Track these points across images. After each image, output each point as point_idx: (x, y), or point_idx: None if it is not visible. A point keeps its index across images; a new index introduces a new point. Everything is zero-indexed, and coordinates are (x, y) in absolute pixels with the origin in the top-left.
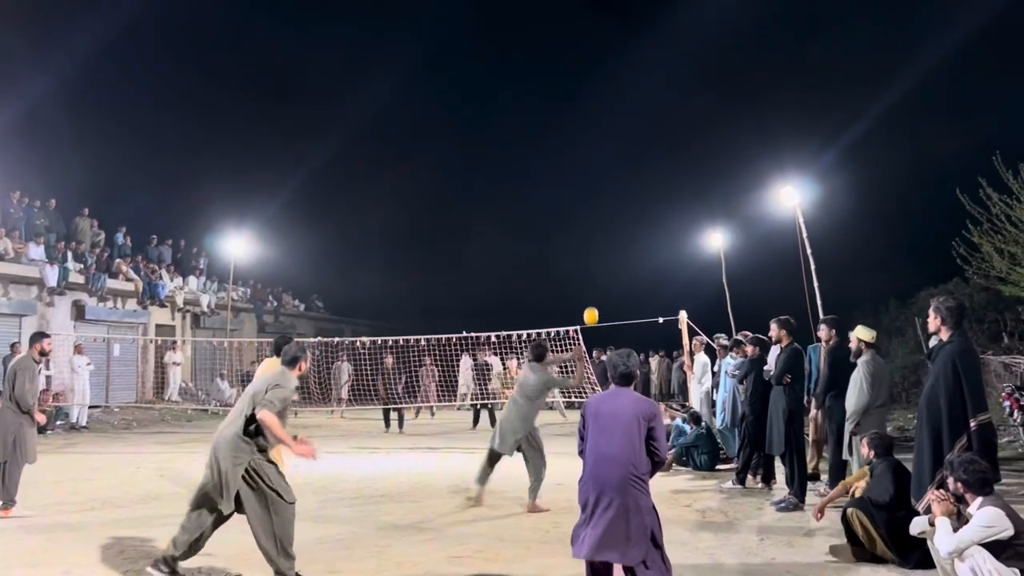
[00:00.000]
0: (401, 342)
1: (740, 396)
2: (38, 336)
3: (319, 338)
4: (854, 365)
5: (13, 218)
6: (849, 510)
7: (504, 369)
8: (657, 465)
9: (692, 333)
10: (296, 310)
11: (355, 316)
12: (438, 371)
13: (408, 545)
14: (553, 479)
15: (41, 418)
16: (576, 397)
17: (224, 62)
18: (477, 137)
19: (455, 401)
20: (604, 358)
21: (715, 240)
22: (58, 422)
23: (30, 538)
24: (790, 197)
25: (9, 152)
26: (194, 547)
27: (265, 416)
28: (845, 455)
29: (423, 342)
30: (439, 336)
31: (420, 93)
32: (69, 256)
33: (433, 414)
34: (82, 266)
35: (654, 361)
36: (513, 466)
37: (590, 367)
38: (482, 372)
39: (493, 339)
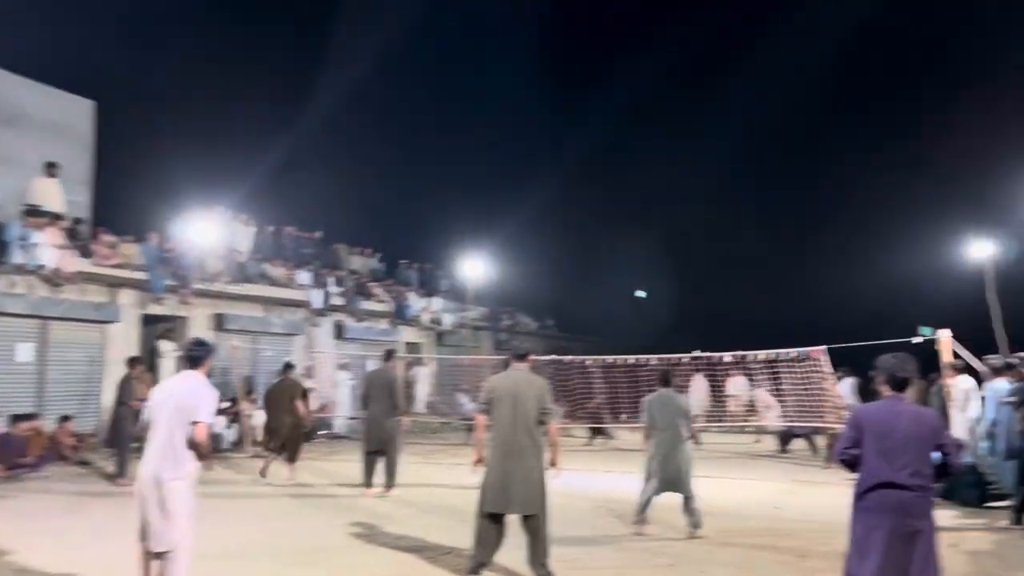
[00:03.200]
0: (632, 361)
1: (1017, 424)
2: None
3: (552, 356)
4: None
5: (286, 249)
6: None
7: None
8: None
9: (954, 354)
10: (529, 328)
11: (585, 333)
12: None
13: (647, 570)
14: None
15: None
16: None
17: (461, 96)
18: (715, 152)
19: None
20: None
21: (979, 250)
22: (321, 432)
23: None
24: None
25: (282, 191)
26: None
27: (554, 426)
28: None
29: (654, 361)
30: (670, 355)
31: (655, 117)
32: (331, 281)
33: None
34: (342, 290)
35: None
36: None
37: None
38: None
39: (728, 359)
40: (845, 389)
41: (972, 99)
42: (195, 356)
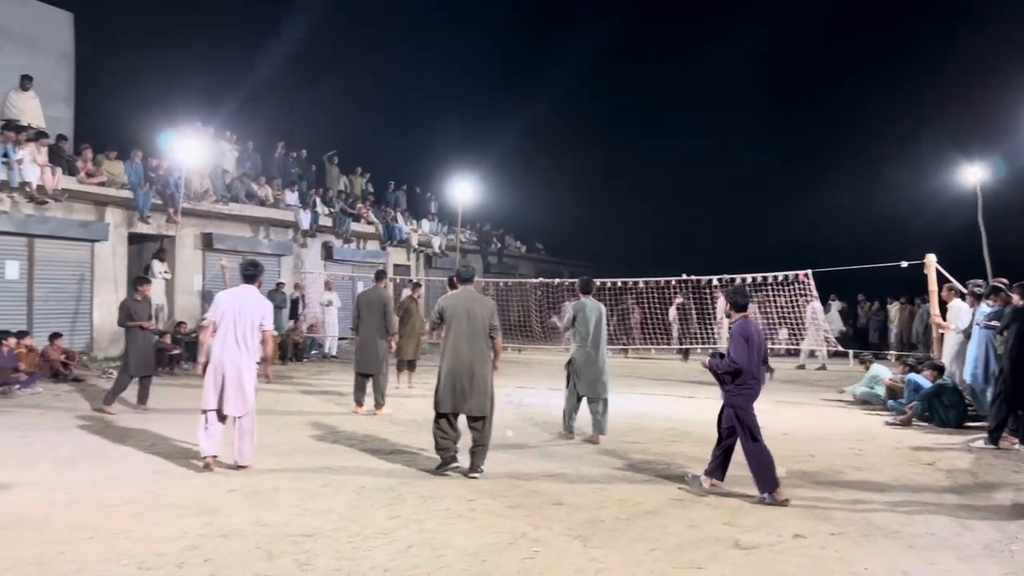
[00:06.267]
0: (619, 284)
1: (994, 349)
2: (384, 274)
3: (540, 279)
4: None
5: (273, 168)
6: None
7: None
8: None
9: (940, 279)
10: (518, 252)
11: (573, 258)
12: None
13: (629, 484)
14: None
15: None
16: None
17: (452, 18)
18: (695, 75)
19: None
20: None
21: (970, 174)
22: (312, 352)
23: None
24: None
25: (269, 109)
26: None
27: (500, 340)
28: None
29: (641, 284)
30: (657, 279)
31: (639, 39)
32: (318, 202)
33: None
34: (330, 211)
35: (893, 308)
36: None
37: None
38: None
39: (715, 282)
40: (832, 312)
41: (970, 31)
42: (250, 274)
